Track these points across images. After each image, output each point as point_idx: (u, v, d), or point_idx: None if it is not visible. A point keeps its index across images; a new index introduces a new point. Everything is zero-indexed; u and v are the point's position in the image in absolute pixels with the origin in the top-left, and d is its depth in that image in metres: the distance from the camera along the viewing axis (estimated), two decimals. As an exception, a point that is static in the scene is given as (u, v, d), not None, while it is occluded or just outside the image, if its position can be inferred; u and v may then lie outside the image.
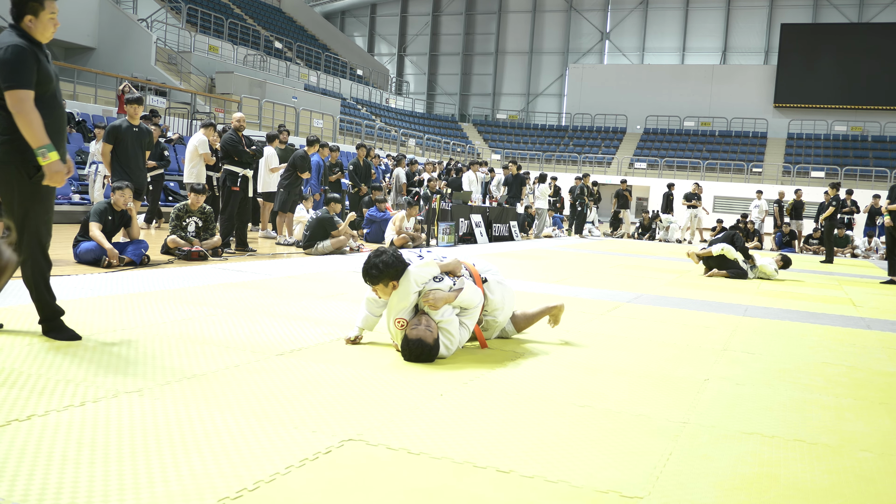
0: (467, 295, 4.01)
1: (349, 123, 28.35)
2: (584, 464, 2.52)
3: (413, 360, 3.82)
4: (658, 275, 9.69)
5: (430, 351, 3.83)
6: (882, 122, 36.15)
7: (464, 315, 4.08)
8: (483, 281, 4.28)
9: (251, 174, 9.34)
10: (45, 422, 2.58)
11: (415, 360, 3.82)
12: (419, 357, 3.82)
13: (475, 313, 4.12)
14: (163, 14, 26.66)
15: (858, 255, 17.71)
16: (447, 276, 4.10)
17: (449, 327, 3.94)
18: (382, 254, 4.04)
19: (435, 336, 3.86)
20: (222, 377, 3.32)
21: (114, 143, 7.63)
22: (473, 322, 4.12)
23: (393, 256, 4.03)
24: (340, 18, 48.88)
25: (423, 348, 3.81)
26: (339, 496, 2.14)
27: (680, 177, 33.20)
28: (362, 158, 13.23)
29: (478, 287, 4.16)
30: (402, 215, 11.56)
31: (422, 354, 3.81)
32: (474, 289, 4.09)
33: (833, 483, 2.51)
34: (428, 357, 3.83)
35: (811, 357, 4.70)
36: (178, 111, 19.70)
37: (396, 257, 4.04)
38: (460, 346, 4.08)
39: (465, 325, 4.08)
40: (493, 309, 4.33)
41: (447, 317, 3.95)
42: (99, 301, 5.03)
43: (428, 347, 3.82)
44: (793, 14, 39.22)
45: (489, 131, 41.42)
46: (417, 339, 3.82)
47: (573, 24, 43.79)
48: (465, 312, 4.08)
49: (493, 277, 4.38)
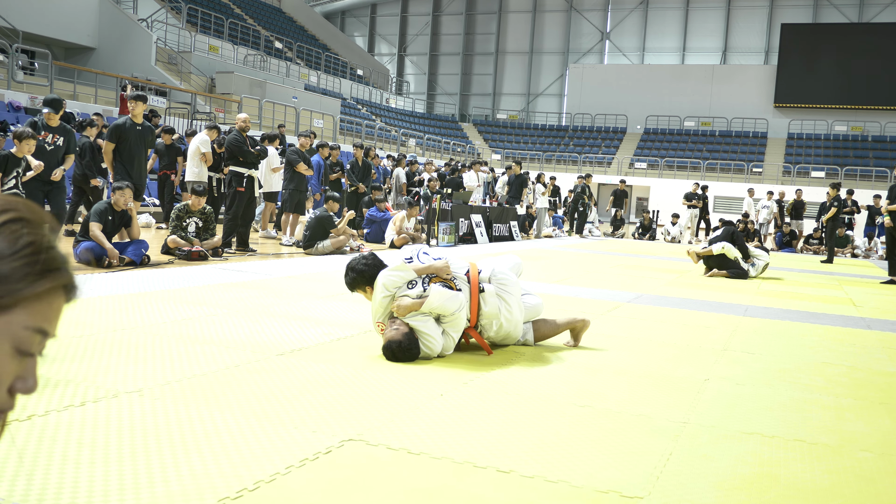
0: (434, 302, 3.84)
1: (349, 123, 28.34)
2: (584, 464, 2.52)
3: (393, 359, 3.80)
4: (658, 275, 9.69)
5: (406, 348, 3.78)
6: (882, 122, 36.14)
7: (444, 322, 3.92)
8: (480, 290, 4.09)
9: (257, 174, 9.34)
10: (45, 422, 2.58)
11: (395, 360, 3.80)
12: (396, 356, 3.79)
13: (456, 321, 3.92)
14: (163, 14, 26.66)
15: (858, 255, 17.70)
16: (423, 281, 3.97)
17: (426, 331, 3.84)
18: (357, 263, 4.06)
19: (405, 332, 3.82)
20: (222, 377, 3.32)
21: (116, 142, 7.59)
22: (456, 330, 3.95)
23: (365, 263, 4.04)
24: (340, 18, 48.88)
25: (398, 347, 3.79)
26: (339, 496, 2.14)
27: (680, 177, 33.21)
28: (360, 158, 13.23)
29: (457, 294, 3.94)
30: (403, 215, 11.56)
31: (398, 352, 3.79)
32: (447, 296, 3.87)
33: (833, 483, 2.51)
34: (406, 355, 3.79)
35: (811, 357, 4.70)
36: (178, 111, 19.70)
37: (368, 264, 4.04)
38: (447, 351, 3.98)
39: (448, 333, 3.93)
40: (487, 319, 4.10)
41: (419, 322, 3.86)
42: (99, 301, 5.03)
43: (400, 344, 3.78)
44: (793, 14, 39.21)
45: (489, 131, 41.42)
46: (389, 341, 3.82)
47: (573, 24, 43.79)
48: (445, 319, 3.91)
49: (495, 288, 4.13)
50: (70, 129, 7.04)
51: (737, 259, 9.84)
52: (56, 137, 6.82)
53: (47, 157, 6.75)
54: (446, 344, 3.96)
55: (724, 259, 9.86)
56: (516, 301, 4.20)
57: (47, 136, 6.78)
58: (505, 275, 4.24)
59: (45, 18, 21.28)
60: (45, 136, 6.78)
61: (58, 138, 6.84)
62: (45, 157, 6.71)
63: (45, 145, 6.75)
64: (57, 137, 6.83)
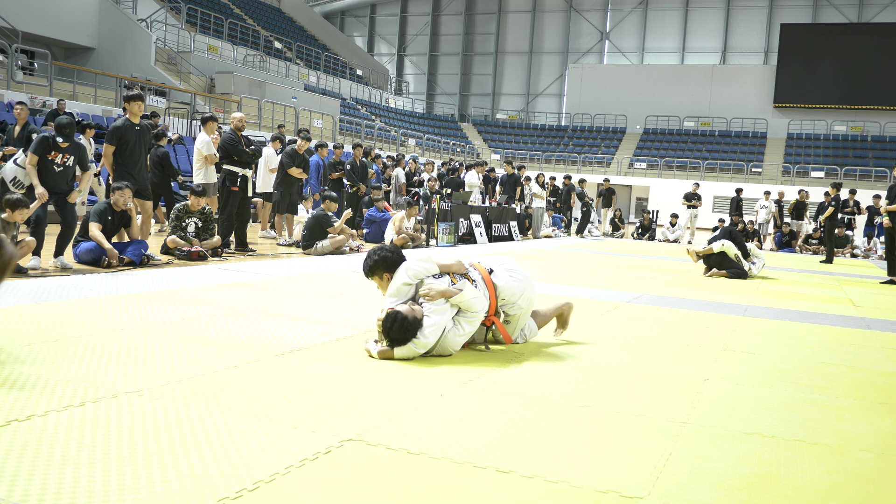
0: (466, 297, 3.98)
1: (349, 123, 28.35)
2: (584, 464, 2.52)
3: (387, 332, 3.81)
4: (658, 275, 9.69)
5: (403, 322, 3.80)
6: (882, 122, 36.16)
7: (462, 315, 4.03)
8: (489, 272, 4.26)
9: (251, 174, 9.32)
10: (44, 422, 2.58)
11: (388, 332, 3.80)
12: (391, 327, 3.80)
13: (474, 318, 4.05)
14: (162, 14, 26.66)
15: (858, 255, 17.71)
16: (447, 276, 4.10)
17: (435, 314, 3.89)
18: (381, 249, 4.14)
19: (410, 310, 3.86)
20: (222, 377, 3.32)
21: (116, 144, 7.57)
22: (472, 324, 4.05)
23: (388, 251, 4.12)
24: (340, 18, 48.88)
25: (395, 318, 3.80)
26: (339, 496, 2.14)
27: (679, 177, 33.22)
28: (359, 158, 13.23)
29: (484, 292, 4.11)
30: (402, 215, 11.56)
31: (394, 323, 3.80)
32: (476, 294, 4.02)
33: (833, 483, 2.51)
34: (401, 328, 3.79)
35: (811, 357, 4.70)
36: (177, 111, 19.70)
37: (393, 251, 4.12)
38: (455, 348, 4.02)
39: (461, 323, 4.01)
40: (507, 297, 4.23)
41: (438, 306, 3.93)
42: (99, 301, 5.03)
43: (400, 316, 3.80)
44: (793, 14, 39.23)
45: (489, 131, 41.43)
46: (393, 312, 3.84)
47: (573, 24, 43.79)
48: (464, 314, 4.04)
49: (499, 267, 4.33)
50: (81, 145, 6.93)
51: (737, 256, 9.84)
52: (66, 158, 6.69)
53: (56, 178, 6.64)
54: (455, 341, 4.00)
55: (724, 258, 9.85)
56: (524, 277, 4.36)
57: (57, 156, 6.64)
58: (508, 260, 4.46)
59: (45, 18, 21.28)
60: (55, 156, 6.63)
61: (68, 158, 6.70)
62: (55, 178, 6.62)
63: (55, 167, 6.63)
64: (67, 157, 6.69)
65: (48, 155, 6.58)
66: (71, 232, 6.80)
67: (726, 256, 9.84)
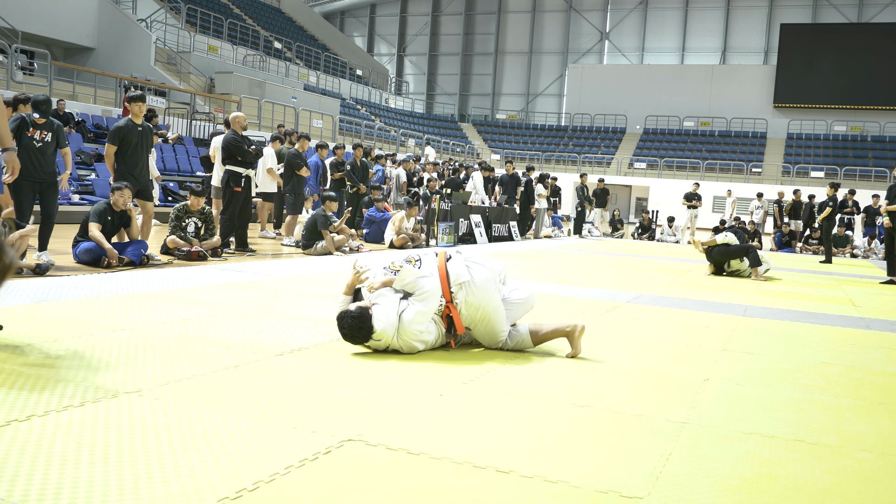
0: (407, 277, 3.98)
1: (349, 123, 28.35)
2: (583, 464, 2.52)
3: (343, 335, 3.96)
4: (658, 275, 9.69)
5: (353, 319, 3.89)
6: (882, 122, 36.17)
7: (414, 297, 3.97)
8: (447, 258, 4.13)
9: (254, 174, 9.32)
10: (44, 422, 2.58)
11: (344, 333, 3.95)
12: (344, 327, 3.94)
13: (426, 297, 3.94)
14: (162, 14, 26.67)
15: (858, 255, 17.70)
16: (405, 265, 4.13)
17: (381, 300, 3.99)
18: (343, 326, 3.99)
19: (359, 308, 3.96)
20: (222, 377, 3.32)
21: (119, 145, 7.56)
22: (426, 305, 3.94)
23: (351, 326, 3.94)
24: (340, 18, 48.89)
25: (345, 317, 3.93)
26: (339, 496, 2.14)
27: (679, 177, 33.24)
28: (359, 158, 13.24)
29: (430, 276, 4.00)
30: (402, 215, 11.56)
31: (343, 320, 3.94)
32: (417, 273, 3.98)
33: (833, 483, 2.51)
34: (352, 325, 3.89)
35: (811, 357, 4.70)
36: (177, 111, 19.71)
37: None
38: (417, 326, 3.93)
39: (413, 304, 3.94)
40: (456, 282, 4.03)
41: (381, 295, 4.03)
42: (99, 301, 5.03)
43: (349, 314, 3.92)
44: (792, 14, 39.24)
45: (489, 131, 41.43)
46: (342, 312, 3.98)
47: (573, 24, 43.80)
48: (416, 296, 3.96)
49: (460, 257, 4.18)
50: (57, 123, 6.90)
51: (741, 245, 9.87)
52: (44, 134, 6.69)
53: (37, 155, 6.63)
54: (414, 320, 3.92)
55: (727, 250, 9.84)
56: (485, 272, 4.11)
57: (35, 132, 6.64)
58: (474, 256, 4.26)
59: (45, 19, 21.28)
60: (34, 132, 6.63)
61: (46, 134, 6.70)
62: (35, 156, 6.60)
63: (34, 142, 6.62)
64: (45, 133, 6.69)
65: (27, 131, 6.58)
66: (51, 225, 6.75)
67: (730, 248, 9.85)
